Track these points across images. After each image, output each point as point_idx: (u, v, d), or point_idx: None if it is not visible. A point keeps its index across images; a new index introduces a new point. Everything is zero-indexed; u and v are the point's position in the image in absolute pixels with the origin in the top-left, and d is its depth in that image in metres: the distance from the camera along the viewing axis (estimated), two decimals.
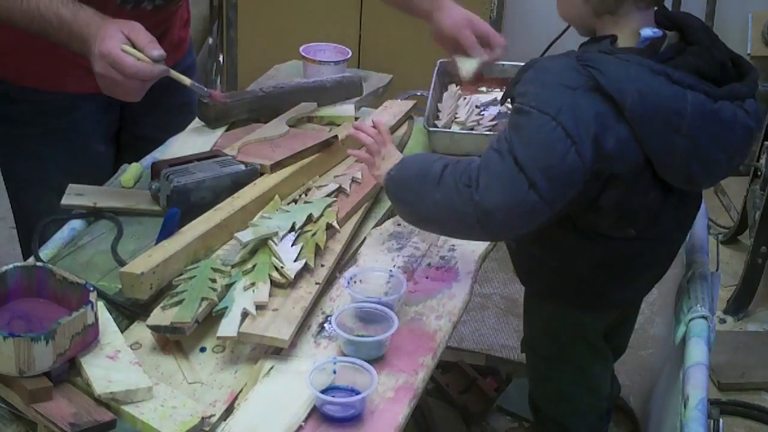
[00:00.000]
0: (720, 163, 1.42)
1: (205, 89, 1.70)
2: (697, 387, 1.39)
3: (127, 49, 1.53)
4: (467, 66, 1.93)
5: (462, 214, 1.38)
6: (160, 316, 1.34)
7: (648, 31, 1.40)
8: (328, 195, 1.65)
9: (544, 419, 1.79)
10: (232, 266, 1.45)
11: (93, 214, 1.65)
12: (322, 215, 1.57)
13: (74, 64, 1.41)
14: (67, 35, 1.56)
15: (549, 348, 1.71)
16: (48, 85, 1.78)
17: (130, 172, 1.76)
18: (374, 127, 1.59)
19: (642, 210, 1.44)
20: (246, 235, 1.49)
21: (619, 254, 1.51)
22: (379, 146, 1.56)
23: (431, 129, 1.92)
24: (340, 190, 1.67)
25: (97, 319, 1.28)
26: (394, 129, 1.94)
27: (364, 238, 1.65)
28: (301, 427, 1.22)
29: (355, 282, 1.45)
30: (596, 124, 1.33)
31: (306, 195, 1.67)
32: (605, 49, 1.39)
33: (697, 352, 1.46)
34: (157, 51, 1.55)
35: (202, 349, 1.35)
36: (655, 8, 1.44)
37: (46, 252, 1.54)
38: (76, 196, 1.67)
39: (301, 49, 2.11)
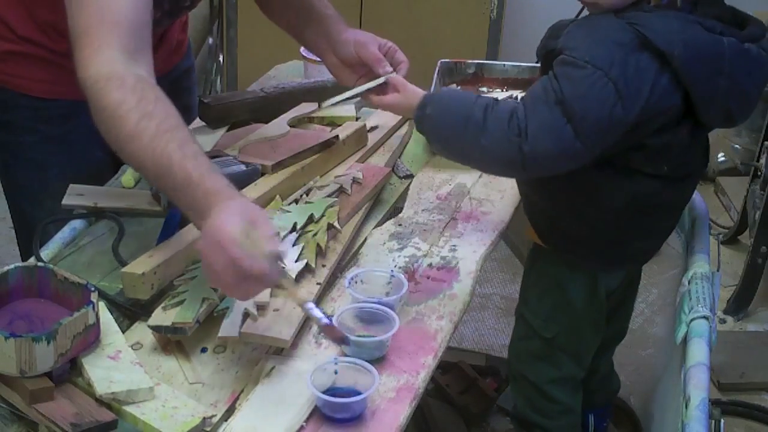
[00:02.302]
0: (752, 97, 1.52)
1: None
2: (698, 387, 1.39)
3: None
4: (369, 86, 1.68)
5: (508, 160, 1.46)
6: (161, 316, 1.34)
7: None
8: (329, 195, 1.65)
9: (519, 378, 1.80)
10: None
11: (94, 214, 1.65)
12: (323, 215, 1.57)
13: (73, 71, 1.39)
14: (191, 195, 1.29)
15: (548, 307, 1.72)
16: (47, 92, 1.77)
17: (131, 172, 1.76)
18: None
19: (675, 147, 1.51)
20: None
21: (644, 195, 1.56)
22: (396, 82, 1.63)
23: None
24: (341, 191, 1.67)
25: (98, 319, 1.28)
26: (394, 129, 1.94)
27: (365, 239, 1.65)
28: (302, 427, 1.22)
29: (356, 282, 1.45)
30: (642, 79, 1.41)
31: (307, 195, 1.67)
32: (645, 8, 1.47)
33: (698, 352, 1.47)
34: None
35: (203, 350, 1.35)
36: None
37: (46, 252, 1.54)
38: (76, 196, 1.66)
39: (302, 49, 2.10)
